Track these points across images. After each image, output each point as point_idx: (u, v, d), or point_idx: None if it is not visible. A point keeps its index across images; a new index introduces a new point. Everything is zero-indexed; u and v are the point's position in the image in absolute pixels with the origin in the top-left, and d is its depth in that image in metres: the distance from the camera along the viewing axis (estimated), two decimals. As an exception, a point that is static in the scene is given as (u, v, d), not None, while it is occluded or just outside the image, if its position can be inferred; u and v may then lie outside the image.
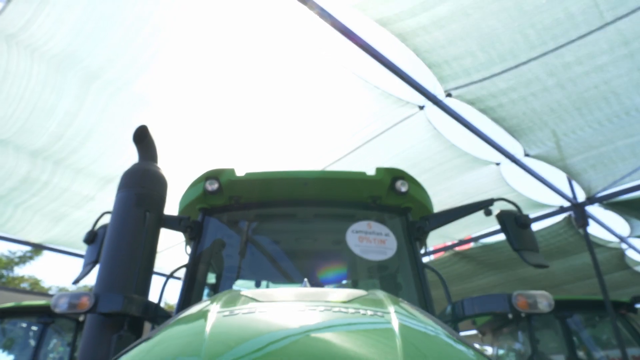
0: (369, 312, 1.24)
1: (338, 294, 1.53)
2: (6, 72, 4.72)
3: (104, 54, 4.72)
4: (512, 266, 10.21)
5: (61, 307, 2.23)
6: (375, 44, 4.73)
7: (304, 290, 1.66)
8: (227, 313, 1.25)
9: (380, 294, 1.56)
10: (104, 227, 3.22)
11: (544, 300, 2.32)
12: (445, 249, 10.08)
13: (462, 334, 14.16)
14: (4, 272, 25.85)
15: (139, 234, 2.73)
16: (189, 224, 3.24)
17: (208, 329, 1.14)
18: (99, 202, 7.24)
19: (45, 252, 28.05)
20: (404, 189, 3.29)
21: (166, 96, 5.32)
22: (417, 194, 3.40)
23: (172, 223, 3.17)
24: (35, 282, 26.39)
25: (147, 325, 2.68)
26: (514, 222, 3.18)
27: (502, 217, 3.20)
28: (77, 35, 4.47)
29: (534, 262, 2.98)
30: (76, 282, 3.11)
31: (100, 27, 4.45)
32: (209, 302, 1.48)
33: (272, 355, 0.98)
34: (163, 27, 4.55)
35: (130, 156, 6.16)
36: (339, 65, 5.00)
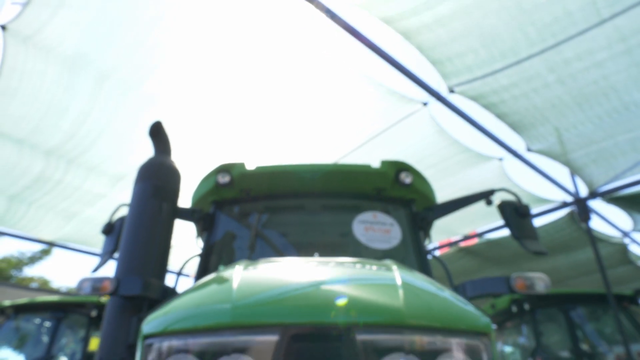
0: (374, 268, 1.39)
1: (347, 258, 1.68)
2: (22, 72, 4.89)
3: (116, 55, 4.88)
4: (517, 262, 10.29)
5: (85, 289, 2.36)
6: (379, 42, 4.86)
7: (316, 258, 1.80)
8: (250, 269, 1.41)
9: (385, 260, 1.70)
10: (121, 218, 3.36)
11: (541, 282, 2.42)
12: (450, 244, 10.17)
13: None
14: (14, 272, 26.02)
15: (156, 224, 2.86)
16: (202, 215, 3.38)
17: (235, 280, 1.31)
18: (110, 200, 7.40)
19: (55, 253, 28.25)
20: (408, 180, 3.41)
21: (176, 95, 5.47)
22: (420, 186, 3.52)
23: (186, 215, 3.30)
24: (44, 283, 26.57)
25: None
26: (514, 211, 3.28)
27: (503, 207, 3.30)
28: (90, 37, 4.63)
29: (533, 249, 3.09)
30: (95, 270, 3.26)
31: (112, 29, 4.61)
32: (230, 266, 1.63)
33: (293, 297, 1.18)
34: (173, 28, 4.70)
35: (141, 154, 6.30)
36: (345, 63, 5.13)
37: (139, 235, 2.78)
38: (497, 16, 4.33)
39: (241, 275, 1.38)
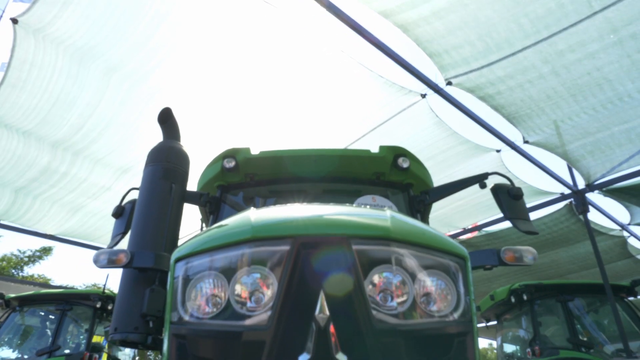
0: (368, 207, 1.60)
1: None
2: (32, 65, 5.03)
3: (124, 48, 5.02)
4: (516, 255, 10.37)
5: (101, 262, 2.49)
6: (379, 35, 4.99)
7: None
8: (263, 208, 1.62)
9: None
10: (131, 202, 3.49)
11: (528, 255, 2.54)
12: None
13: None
14: (14, 271, 26.10)
15: (166, 203, 2.99)
16: (209, 199, 3.52)
17: (252, 214, 1.54)
18: (115, 193, 7.52)
19: (55, 252, 28.34)
20: (405, 165, 3.54)
21: (182, 88, 5.61)
22: (417, 171, 3.65)
23: (193, 198, 3.45)
24: (44, 281, 26.64)
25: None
26: (507, 193, 3.39)
27: (496, 189, 3.42)
28: (99, 30, 4.78)
29: (524, 229, 3.22)
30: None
31: (121, 23, 4.76)
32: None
33: (302, 218, 1.52)
34: (180, 22, 4.84)
35: (146, 147, 6.42)
36: (346, 56, 5.27)
37: (150, 214, 2.91)
38: (492, 8, 4.46)
39: (257, 211, 1.62)
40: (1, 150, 6.37)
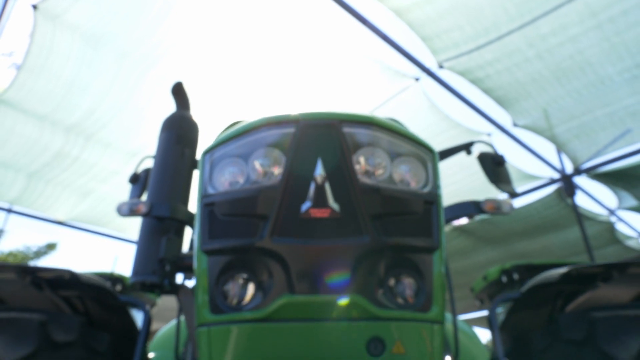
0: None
1: None
2: (50, 51, 5.36)
3: (137, 33, 5.35)
4: (510, 241, 10.69)
5: (123, 211, 2.82)
6: (374, 20, 5.32)
7: None
8: None
9: None
10: (145, 170, 3.83)
11: (506, 205, 2.87)
12: (444, 223, 10.49)
13: (467, 317, 14.34)
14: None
15: (179, 166, 3.33)
16: None
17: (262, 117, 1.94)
18: (124, 177, 7.79)
19: (59, 248, 28.60)
20: (399, 134, 3.88)
21: (192, 73, 5.94)
22: None
23: None
24: (50, 277, 26.80)
25: (188, 233, 3.28)
26: (491, 160, 3.72)
27: (482, 157, 3.75)
28: (114, 15, 5.10)
29: (505, 190, 3.55)
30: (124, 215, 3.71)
31: (135, 8, 5.08)
32: None
33: (303, 112, 1.93)
34: (191, 8, 5.17)
35: (153, 133, 6.73)
36: (343, 40, 5.59)
37: (165, 175, 3.24)
38: (479, -7, 4.80)
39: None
40: (17, 136, 6.67)
